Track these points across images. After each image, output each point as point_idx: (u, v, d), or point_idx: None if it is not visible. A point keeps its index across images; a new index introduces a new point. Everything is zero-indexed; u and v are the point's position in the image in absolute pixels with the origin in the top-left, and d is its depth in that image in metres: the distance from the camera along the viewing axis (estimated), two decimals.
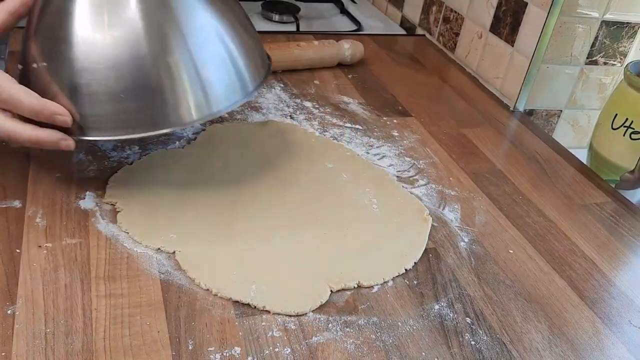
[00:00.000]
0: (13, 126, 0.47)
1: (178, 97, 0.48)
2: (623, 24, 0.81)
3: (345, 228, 0.55)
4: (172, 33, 0.48)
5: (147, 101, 0.47)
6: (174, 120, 0.49)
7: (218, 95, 0.50)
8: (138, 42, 0.47)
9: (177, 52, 0.48)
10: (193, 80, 0.49)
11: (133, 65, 0.46)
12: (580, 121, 0.90)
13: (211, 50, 0.50)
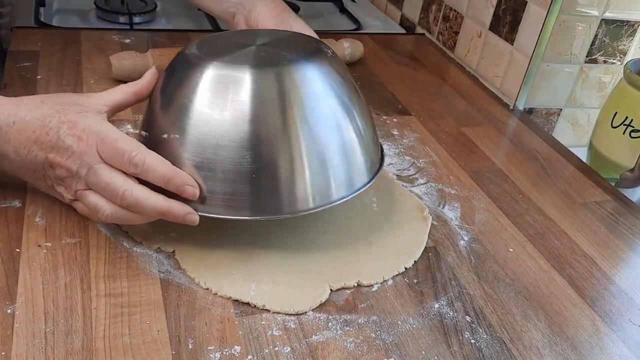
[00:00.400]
0: (145, 193, 0.45)
1: (301, 185, 0.48)
2: (623, 23, 0.81)
3: (344, 227, 0.55)
4: (300, 120, 0.47)
5: (270, 185, 0.47)
6: (292, 207, 0.48)
7: (337, 185, 0.50)
8: (268, 126, 0.46)
9: (305, 139, 0.47)
10: (316, 169, 0.48)
11: (264, 148, 0.46)
12: (580, 120, 0.90)
13: (336, 139, 0.49)
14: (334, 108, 0.49)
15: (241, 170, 0.46)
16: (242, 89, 0.46)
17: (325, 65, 0.50)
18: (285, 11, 0.67)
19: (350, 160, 0.51)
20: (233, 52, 0.50)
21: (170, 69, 0.51)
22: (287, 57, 0.49)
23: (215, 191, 0.47)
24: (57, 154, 0.45)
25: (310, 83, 0.48)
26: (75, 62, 0.79)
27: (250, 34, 0.54)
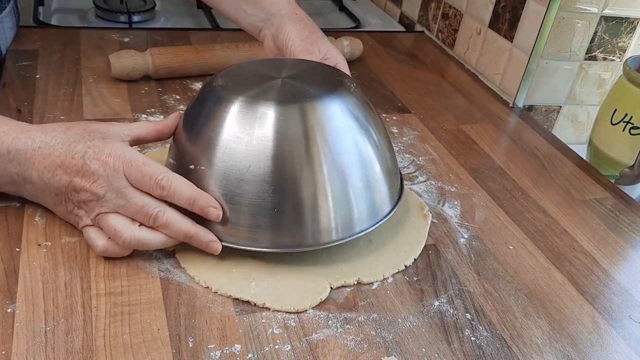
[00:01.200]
0: (176, 215, 0.47)
1: (324, 219, 0.48)
2: (622, 19, 0.81)
3: None
4: (324, 155, 0.48)
5: (292, 219, 0.48)
6: (315, 240, 0.49)
7: (360, 216, 0.51)
8: (291, 162, 0.47)
9: (328, 174, 0.48)
10: (339, 203, 0.49)
11: (287, 183, 0.47)
12: (579, 117, 0.90)
13: (359, 173, 0.50)
14: (356, 142, 0.50)
15: (263, 205, 0.47)
16: (265, 124, 0.47)
17: (348, 100, 0.50)
18: (314, 34, 0.66)
19: (374, 193, 0.51)
20: (258, 86, 0.50)
21: (200, 100, 0.51)
22: (310, 92, 0.49)
23: (238, 223, 0.48)
24: (82, 178, 0.45)
25: (333, 119, 0.49)
26: (74, 61, 0.79)
27: (275, 64, 0.55)
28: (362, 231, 0.51)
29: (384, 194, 0.53)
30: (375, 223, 0.52)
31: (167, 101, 0.72)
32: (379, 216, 0.52)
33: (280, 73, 0.52)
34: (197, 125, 0.49)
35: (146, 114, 0.69)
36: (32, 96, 0.69)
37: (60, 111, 0.67)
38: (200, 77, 0.79)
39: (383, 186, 0.52)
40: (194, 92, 0.76)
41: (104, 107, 0.69)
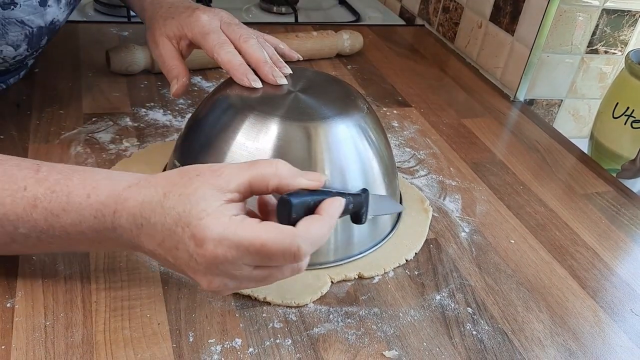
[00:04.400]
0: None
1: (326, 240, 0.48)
2: (624, 12, 0.80)
3: None
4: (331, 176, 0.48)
5: None
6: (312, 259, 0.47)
7: (360, 239, 0.51)
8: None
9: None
10: (340, 226, 0.49)
11: None
12: (580, 110, 0.89)
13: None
14: (363, 167, 0.50)
15: None
16: (271, 140, 0.47)
17: (356, 123, 0.50)
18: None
19: (377, 217, 0.52)
20: (270, 101, 0.50)
21: (214, 106, 0.51)
22: (319, 112, 0.49)
23: None
24: (193, 274, 0.38)
25: (338, 142, 0.48)
26: (73, 55, 0.79)
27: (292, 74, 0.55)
28: (360, 253, 0.51)
29: (386, 217, 0.53)
30: (373, 245, 0.52)
31: (167, 95, 0.72)
32: (379, 238, 0.53)
33: (295, 86, 0.52)
34: (209, 133, 0.50)
35: (145, 108, 0.69)
36: (31, 90, 0.69)
37: (59, 105, 0.67)
38: (200, 71, 0.79)
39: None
40: (194, 86, 0.75)
41: (103, 101, 0.69)
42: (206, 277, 0.37)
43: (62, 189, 0.39)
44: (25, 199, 0.39)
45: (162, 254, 0.38)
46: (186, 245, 0.37)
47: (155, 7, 0.62)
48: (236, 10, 1.04)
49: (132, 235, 0.39)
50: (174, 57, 0.59)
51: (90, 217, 0.39)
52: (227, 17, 0.58)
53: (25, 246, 0.41)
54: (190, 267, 0.37)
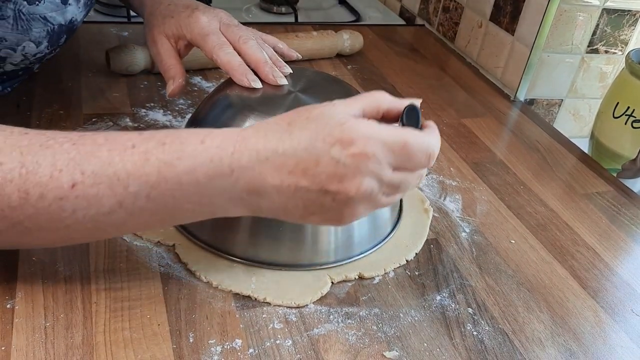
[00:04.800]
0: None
1: (324, 241, 0.49)
2: (624, 12, 0.80)
3: None
4: None
5: (291, 238, 0.48)
6: (313, 260, 0.49)
7: (360, 239, 0.51)
8: None
9: None
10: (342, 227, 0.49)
11: None
12: (581, 110, 0.89)
13: None
14: None
15: (269, 224, 0.46)
16: None
17: None
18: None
19: (377, 218, 0.52)
20: (270, 102, 0.50)
21: (212, 108, 0.51)
22: None
23: (241, 238, 0.48)
24: (339, 182, 0.37)
25: None
26: (73, 55, 0.78)
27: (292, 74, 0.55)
28: (361, 254, 0.51)
29: (387, 218, 0.53)
30: (373, 245, 0.52)
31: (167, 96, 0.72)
32: (379, 238, 0.53)
33: (295, 86, 0.52)
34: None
35: (145, 108, 0.69)
36: (30, 90, 0.69)
37: (59, 105, 0.67)
38: (200, 71, 0.79)
39: (386, 210, 0.53)
40: (194, 86, 0.75)
41: (103, 101, 0.69)
42: (355, 180, 0.37)
43: (172, 140, 0.38)
44: (135, 154, 0.37)
45: (294, 181, 0.37)
46: (330, 155, 0.36)
47: (154, 4, 0.62)
48: (236, 10, 1.04)
49: (254, 174, 0.37)
50: (172, 56, 0.59)
51: (206, 161, 0.37)
52: (226, 18, 0.58)
53: (131, 213, 0.38)
54: (336, 176, 0.37)
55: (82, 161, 0.37)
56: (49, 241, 0.40)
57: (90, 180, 0.36)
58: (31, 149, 0.37)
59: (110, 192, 0.37)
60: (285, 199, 0.38)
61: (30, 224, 0.37)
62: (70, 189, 0.36)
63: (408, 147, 0.38)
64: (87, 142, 0.38)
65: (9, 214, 0.36)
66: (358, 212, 0.39)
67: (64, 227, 0.37)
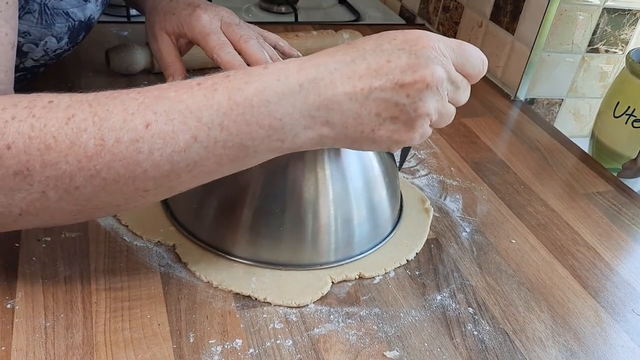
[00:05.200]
0: None
1: (324, 241, 0.49)
2: (625, 11, 0.80)
3: None
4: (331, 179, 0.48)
5: (293, 238, 0.48)
6: (313, 260, 0.49)
7: (361, 239, 0.51)
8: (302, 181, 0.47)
9: (334, 198, 0.48)
10: (342, 227, 0.49)
11: (295, 202, 0.47)
12: (581, 110, 0.89)
13: (365, 198, 0.50)
14: (365, 167, 0.50)
15: (270, 223, 0.47)
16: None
17: None
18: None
19: (377, 217, 0.52)
20: None
21: None
22: None
23: (241, 237, 0.48)
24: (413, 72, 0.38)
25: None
26: (73, 55, 0.78)
27: None
28: (361, 253, 0.51)
29: (387, 218, 0.53)
30: (375, 245, 0.52)
31: None
32: (380, 238, 0.53)
33: None
34: None
35: None
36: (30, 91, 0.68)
37: None
38: (200, 71, 0.78)
39: (387, 210, 0.53)
40: None
41: None
42: (429, 68, 0.39)
43: (235, 73, 0.39)
44: (202, 89, 0.38)
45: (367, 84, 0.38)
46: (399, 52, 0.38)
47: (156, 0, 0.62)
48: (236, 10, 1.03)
49: (324, 84, 0.38)
50: (172, 53, 0.59)
51: (273, 81, 0.38)
52: (227, 17, 0.58)
53: (206, 146, 0.37)
54: (410, 67, 0.38)
55: (151, 103, 0.37)
56: (122, 199, 0.38)
57: (164, 118, 0.36)
58: (99, 101, 0.37)
59: (184, 126, 0.36)
60: (358, 105, 0.39)
61: (107, 173, 0.36)
62: (145, 128, 0.36)
63: (464, 47, 0.41)
64: (151, 89, 0.38)
65: (86, 164, 0.35)
66: (429, 108, 0.40)
67: (141, 173, 0.37)
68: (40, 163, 0.35)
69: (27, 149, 0.34)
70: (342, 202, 0.48)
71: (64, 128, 0.35)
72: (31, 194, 0.35)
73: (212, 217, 0.49)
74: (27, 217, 0.37)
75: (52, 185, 0.35)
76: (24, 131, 0.35)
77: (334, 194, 0.48)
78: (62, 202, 0.37)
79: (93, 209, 0.38)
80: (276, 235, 0.48)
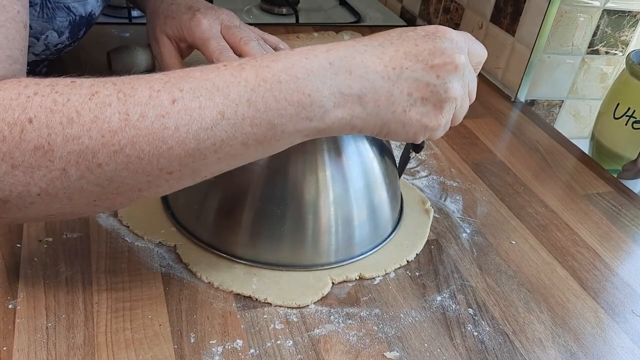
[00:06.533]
0: None
1: (325, 242, 0.49)
2: (625, 13, 0.80)
3: None
4: (332, 181, 0.48)
5: (294, 239, 0.48)
6: (314, 260, 0.49)
7: (361, 240, 0.51)
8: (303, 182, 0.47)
9: (334, 200, 0.48)
10: (343, 228, 0.49)
11: (296, 202, 0.47)
12: (581, 111, 0.89)
13: (366, 199, 0.50)
14: (366, 169, 0.50)
15: (270, 224, 0.47)
16: None
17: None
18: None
19: (378, 218, 0.52)
20: None
21: None
22: None
23: (242, 238, 0.48)
24: (442, 54, 0.40)
25: (341, 143, 0.48)
26: (74, 56, 0.79)
27: None
28: (361, 254, 0.51)
29: (387, 218, 0.53)
30: (375, 246, 0.52)
31: None
32: (380, 239, 0.53)
33: None
34: None
35: None
36: None
37: None
38: None
39: (387, 211, 0.53)
40: None
41: None
42: (455, 52, 0.40)
43: (262, 56, 0.38)
44: (228, 68, 0.37)
45: (398, 63, 0.39)
46: (425, 38, 0.40)
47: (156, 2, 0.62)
48: (237, 11, 1.04)
49: (355, 62, 0.38)
50: (173, 56, 0.59)
51: (301, 59, 0.37)
52: (227, 20, 0.58)
53: (233, 124, 0.36)
54: (437, 50, 0.39)
55: (177, 82, 0.36)
56: (145, 181, 0.37)
57: (190, 95, 0.35)
58: (124, 80, 0.36)
59: (211, 102, 0.36)
60: (390, 84, 0.39)
61: (131, 149, 0.35)
62: (171, 104, 0.35)
63: (470, 36, 0.43)
64: (177, 71, 0.37)
65: (110, 139, 0.34)
66: (457, 91, 0.41)
67: (166, 151, 0.35)
68: (62, 137, 0.34)
69: (50, 122, 0.34)
70: (342, 203, 0.48)
71: (88, 103, 0.35)
72: (51, 171, 0.34)
73: (213, 217, 0.49)
74: (46, 199, 0.35)
75: (73, 161, 0.34)
76: (46, 105, 0.34)
77: (335, 194, 0.48)
78: (82, 181, 0.35)
79: (114, 194, 0.37)
80: (277, 236, 0.48)
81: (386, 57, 0.39)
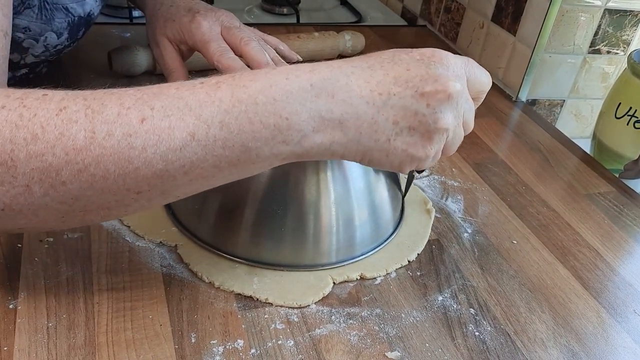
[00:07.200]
0: None
1: (325, 242, 0.49)
2: (626, 12, 0.80)
3: None
4: (333, 181, 0.48)
5: (295, 239, 0.48)
6: (315, 261, 0.49)
7: (362, 240, 0.51)
8: (304, 182, 0.47)
9: (335, 200, 0.48)
10: (343, 228, 0.49)
11: (297, 203, 0.47)
12: (583, 111, 0.89)
13: (367, 199, 0.50)
14: (364, 167, 0.49)
15: (271, 224, 0.47)
16: None
17: None
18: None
19: (379, 218, 0.52)
20: None
21: None
22: None
23: (243, 238, 0.48)
24: (434, 81, 0.37)
25: None
26: (74, 56, 0.79)
27: None
28: (362, 254, 0.51)
29: (389, 218, 0.53)
30: (376, 246, 0.52)
31: None
32: (381, 238, 0.53)
33: None
34: None
35: None
36: None
37: None
38: (202, 73, 0.79)
39: (388, 211, 0.53)
40: None
41: None
42: (450, 79, 0.37)
43: (242, 72, 0.37)
44: (204, 87, 0.36)
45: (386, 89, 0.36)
46: (418, 63, 0.38)
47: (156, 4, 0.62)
48: (238, 11, 1.04)
49: (338, 85, 0.36)
50: (174, 58, 0.59)
51: (282, 79, 0.36)
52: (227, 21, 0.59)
53: (204, 145, 0.35)
54: (430, 77, 0.37)
55: (149, 99, 0.35)
56: (113, 201, 0.36)
57: (160, 114, 0.34)
58: (95, 95, 0.35)
59: (181, 122, 0.34)
60: (375, 110, 0.36)
61: (96, 169, 0.34)
62: (140, 123, 0.34)
63: (472, 62, 0.41)
64: (152, 87, 0.36)
65: (74, 157, 0.33)
66: (449, 122, 0.38)
67: (132, 171, 0.34)
68: (26, 153, 0.33)
69: (14, 137, 0.33)
70: (343, 203, 0.48)
71: (54, 119, 0.33)
72: (15, 187, 0.33)
73: (214, 217, 0.49)
74: (10, 214, 0.35)
75: (37, 178, 0.33)
76: (12, 120, 0.33)
77: (336, 194, 0.48)
78: (47, 199, 0.34)
79: (81, 211, 0.36)
80: (278, 236, 0.48)
81: (374, 81, 0.37)
